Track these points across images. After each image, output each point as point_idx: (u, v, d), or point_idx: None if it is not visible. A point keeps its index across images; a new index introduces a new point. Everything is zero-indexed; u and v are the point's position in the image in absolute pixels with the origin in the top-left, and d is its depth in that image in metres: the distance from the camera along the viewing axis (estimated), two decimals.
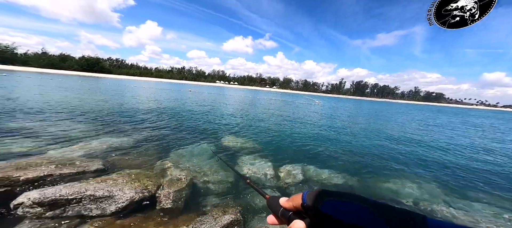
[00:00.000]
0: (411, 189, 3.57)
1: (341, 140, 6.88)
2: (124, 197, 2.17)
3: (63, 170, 2.49)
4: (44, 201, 1.87)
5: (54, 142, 4.00)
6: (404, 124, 12.82)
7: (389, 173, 4.25)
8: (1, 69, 44.20)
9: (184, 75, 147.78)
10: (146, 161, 3.54)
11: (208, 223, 2.01)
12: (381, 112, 21.29)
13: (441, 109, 48.58)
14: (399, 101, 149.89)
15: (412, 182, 3.84)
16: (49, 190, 1.98)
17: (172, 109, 10.17)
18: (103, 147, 3.90)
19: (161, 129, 5.96)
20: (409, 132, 9.76)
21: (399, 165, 4.79)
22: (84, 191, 2.07)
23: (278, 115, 11.92)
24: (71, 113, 6.94)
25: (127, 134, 5.09)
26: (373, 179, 3.88)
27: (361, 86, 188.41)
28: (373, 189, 3.52)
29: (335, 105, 29.71)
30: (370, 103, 52.87)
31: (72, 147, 3.77)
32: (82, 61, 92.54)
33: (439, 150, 6.64)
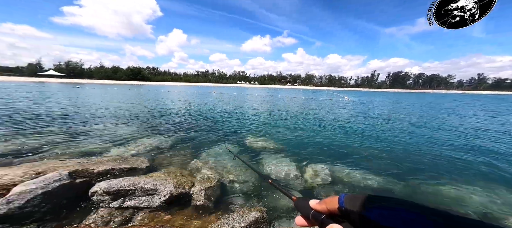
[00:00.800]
0: (481, 197, 2.96)
1: (377, 138, 6.20)
2: (166, 191, 2.54)
3: (122, 166, 3.07)
4: (110, 190, 2.37)
5: (114, 142, 4.95)
6: (467, 117, 10.52)
7: (447, 176, 3.64)
8: (75, 82, 56.33)
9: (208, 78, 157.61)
10: (181, 159, 4.02)
11: (235, 221, 2.16)
12: (430, 106, 18.01)
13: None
14: (455, 91, 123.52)
15: (483, 188, 3.18)
16: (113, 181, 2.49)
17: (200, 111, 11.09)
18: (148, 147, 4.60)
19: (191, 130, 6.61)
20: (474, 126, 7.98)
21: (462, 167, 4.04)
22: (137, 184, 2.52)
23: (301, 113, 11.52)
24: (124, 118, 8.38)
25: (166, 135, 5.85)
26: (424, 183, 3.39)
27: (400, 78, 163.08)
28: (425, 195, 3.09)
29: (368, 100, 26.69)
30: (414, 96, 45.31)
31: (127, 147, 4.59)
32: (128, 72, 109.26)
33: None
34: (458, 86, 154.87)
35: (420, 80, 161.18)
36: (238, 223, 2.13)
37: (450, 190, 3.21)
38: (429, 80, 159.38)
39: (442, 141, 6.13)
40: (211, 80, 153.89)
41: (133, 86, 47.69)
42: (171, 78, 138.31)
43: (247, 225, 2.13)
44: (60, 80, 64.08)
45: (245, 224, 2.12)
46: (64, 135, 5.37)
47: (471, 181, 3.50)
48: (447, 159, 4.60)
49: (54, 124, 6.54)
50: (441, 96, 47.78)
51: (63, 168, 2.67)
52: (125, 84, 64.59)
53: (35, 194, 2.05)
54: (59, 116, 8.01)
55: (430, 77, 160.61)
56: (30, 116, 7.62)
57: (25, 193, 2.02)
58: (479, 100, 30.47)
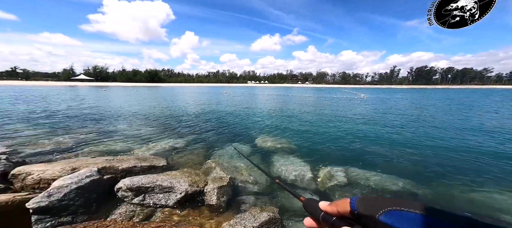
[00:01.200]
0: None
1: (395, 138, 5.79)
2: (181, 188, 2.67)
3: (143, 164, 3.31)
4: (132, 187, 2.57)
5: (135, 141, 5.34)
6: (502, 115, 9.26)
7: (479, 181, 3.29)
8: (102, 85, 61.81)
9: (219, 79, 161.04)
10: (195, 159, 4.19)
11: (247, 220, 2.19)
12: (460, 102, 16.18)
13: None
14: (492, 86, 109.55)
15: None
16: (135, 178, 2.69)
17: (212, 111, 11.45)
18: (165, 146, 4.88)
19: (204, 130, 6.85)
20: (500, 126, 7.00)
21: (497, 171, 3.60)
22: (155, 181, 2.69)
23: (312, 112, 11.21)
24: (144, 118, 8.99)
25: (181, 135, 6.15)
26: (451, 187, 3.10)
27: (424, 73, 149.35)
28: (454, 202, 2.82)
29: (387, 97, 24.93)
30: (442, 92, 41.19)
31: (147, 146, 4.93)
32: (146, 74, 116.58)
33: None
34: (496, 80, 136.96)
35: (449, 75, 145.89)
36: (250, 222, 2.16)
37: (479, 197, 2.87)
38: (461, 74, 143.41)
39: (469, 143, 5.49)
40: (222, 80, 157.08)
41: (151, 88, 50.81)
42: (185, 79, 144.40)
43: (259, 225, 2.14)
44: (89, 84, 70.90)
45: (257, 224, 2.14)
46: (93, 134, 5.93)
47: (503, 187, 3.09)
48: (474, 162, 4.11)
49: (84, 124, 7.26)
50: (472, 92, 42.65)
51: (93, 164, 2.95)
52: (144, 86, 69.06)
53: (70, 188, 2.30)
54: (88, 116, 8.89)
55: (462, 72, 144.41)
56: (65, 117, 8.57)
57: (63, 187, 2.29)
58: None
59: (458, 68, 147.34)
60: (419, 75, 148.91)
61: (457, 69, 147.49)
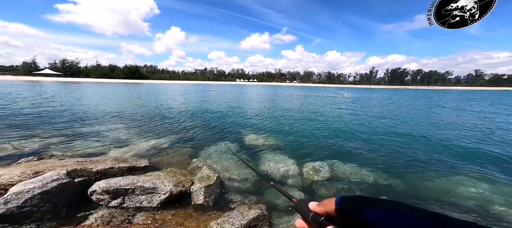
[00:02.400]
0: (474, 188, 3.02)
1: (375, 135, 6.24)
2: (165, 189, 2.54)
3: (121, 165, 3.06)
4: (109, 189, 2.36)
5: (112, 142, 4.93)
6: (460, 113, 10.62)
7: (440, 170, 3.71)
8: (72, 81, 55.69)
9: (207, 76, 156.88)
10: (180, 159, 4.02)
11: (235, 218, 2.17)
12: (425, 102, 18.14)
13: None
14: (453, 88, 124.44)
15: (474, 180, 3.24)
16: (112, 180, 2.48)
17: (199, 110, 11.06)
18: (147, 146, 4.59)
19: (191, 129, 6.59)
20: (467, 121, 8.06)
21: (453, 161, 4.11)
22: (136, 183, 2.52)
23: (300, 110, 11.55)
24: (123, 117, 8.33)
25: (165, 134, 5.83)
26: (419, 177, 3.44)
27: (398, 74, 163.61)
28: (420, 190, 3.13)
29: (367, 96, 26.78)
30: (412, 92, 45.56)
31: (126, 146, 4.58)
32: (125, 70, 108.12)
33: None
34: (455, 82, 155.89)
35: (418, 77, 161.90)
36: (238, 220, 2.15)
37: (442, 184, 3.25)
38: (427, 76, 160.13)
39: (435, 137, 6.19)
40: (210, 78, 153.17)
41: (131, 85, 47.35)
42: (169, 76, 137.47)
43: (247, 222, 2.14)
44: (56, 79, 63.29)
45: (245, 222, 2.14)
46: (62, 135, 5.33)
47: (464, 173, 3.56)
48: (440, 154, 4.65)
49: (51, 124, 6.48)
50: (436, 92, 48.15)
51: (61, 167, 2.65)
52: (123, 83, 64.07)
53: (33, 194, 2.04)
54: (56, 115, 7.94)
55: (428, 74, 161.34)
56: (27, 116, 7.54)
57: (22, 192, 2.01)
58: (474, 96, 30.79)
59: (426, 71, 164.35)
60: (394, 76, 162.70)
61: (425, 71, 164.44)
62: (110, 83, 51.68)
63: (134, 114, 9.13)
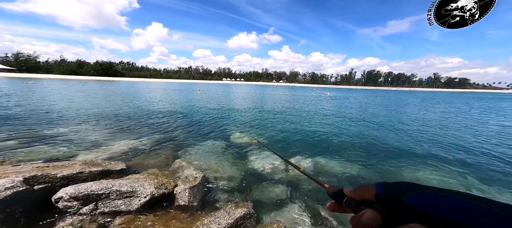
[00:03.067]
0: (432, 177, 3.44)
1: (353, 131, 6.72)
2: (145, 192, 2.37)
3: (92, 169, 2.76)
4: (79, 195, 2.11)
5: (82, 145, 4.41)
6: (421, 112, 12.10)
7: (407, 161, 4.14)
8: (29, 77, 48.29)
9: (192, 75, 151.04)
10: (162, 160, 3.79)
11: (222, 218, 2.14)
12: (395, 101, 20.22)
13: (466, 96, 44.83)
14: (416, 89, 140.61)
15: (433, 170, 3.70)
16: (82, 186, 2.23)
17: (183, 109, 10.56)
18: (124, 148, 4.22)
19: (174, 129, 6.26)
20: (427, 119, 9.22)
21: (417, 153, 4.63)
22: (111, 187, 2.30)
23: (286, 109, 11.85)
24: (93, 117, 7.51)
25: (144, 135, 5.43)
26: (389, 168, 3.81)
27: (373, 76, 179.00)
28: (390, 179, 3.44)
29: (346, 96, 28.70)
30: (384, 93, 50.23)
31: (98, 149, 4.14)
32: (97, 67, 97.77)
33: (460, 136, 6.23)
34: (419, 84, 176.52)
35: (389, 78, 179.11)
36: (225, 220, 2.12)
37: (409, 172, 3.67)
38: (397, 78, 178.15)
39: (405, 132, 6.96)
40: (195, 77, 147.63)
41: (103, 83, 42.98)
42: (150, 74, 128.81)
43: (234, 221, 2.12)
44: (8, 75, 54.33)
45: (232, 221, 2.12)
46: (18, 138, 4.59)
47: (427, 164, 4.07)
48: (408, 147, 5.25)
49: (5, 126, 5.53)
50: (404, 93, 54.01)
51: (16, 174, 2.28)
52: (94, 80, 57.87)
53: None
54: (9, 116, 6.81)
55: (397, 76, 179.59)
56: None
57: None
58: (431, 97, 35.24)
59: (395, 73, 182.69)
60: (369, 77, 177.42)
61: (394, 73, 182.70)
62: (78, 81, 46.26)
63: (107, 114, 8.30)
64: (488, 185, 3.35)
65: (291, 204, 2.62)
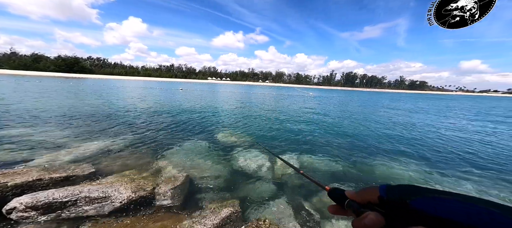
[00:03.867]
0: (401, 170, 3.81)
1: (332, 129, 7.15)
2: (121, 197, 2.17)
3: (53, 175, 2.41)
4: (38, 204, 1.83)
5: (40, 148, 3.82)
6: (388, 111, 13.54)
7: (380, 156, 4.51)
8: None
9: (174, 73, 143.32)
10: (140, 161, 3.50)
11: (207, 218, 2.07)
12: (369, 102, 22.20)
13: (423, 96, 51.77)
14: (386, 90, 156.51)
15: (401, 164, 4.12)
16: (41, 194, 1.93)
17: (164, 109, 9.92)
18: (93, 150, 3.79)
19: (153, 129, 5.85)
20: (395, 118, 10.35)
21: (388, 149, 5.11)
22: (78, 193, 2.04)
23: (271, 108, 12.05)
24: (55, 118, 6.57)
25: (118, 136, 4.95)
26: (365, 164, 4.10)
27: (351, 78, 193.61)
28: (367, 174, 3.71)
29: (326, 96, 30.46)
30: (360, 94, 54.67)
31: (60, 152, 3.63)
32: (58, 61, 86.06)
33: (421, 134, 7.14)
34: (388, 85, 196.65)
35: (364, 80, 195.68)
36: (210, 220, 2.06)
37: (382, 167, 4.06)
38: (370, 80, 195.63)
39: (377, 130, 7.70)
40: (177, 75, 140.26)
41: (66, 80, 37.93)
42: (125, 71, 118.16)
43: (220, 221, 2.07)
44: None
45: (218, 220, 2.07)
46: None
47: (395, 159, 4.56)
48: (380, 143, 5.81)
49: None
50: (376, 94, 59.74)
51: None
52: (56, 77, 50.75)
53: None
54: None
55: (371, 78, 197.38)
56: None
57: None
58: (398, 98, 39.68)
59: (369, 75, 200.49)
60: (347, 79, 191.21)
61: (369, 76, 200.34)
62: (34, 77, 40.04)
63: (71, 114, 7.34)
64: (445, 175, 3.90)
65: (277, 201, 2.65)
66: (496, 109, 19.95)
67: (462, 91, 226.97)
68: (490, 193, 3.19)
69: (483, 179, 3.63)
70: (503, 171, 3.99)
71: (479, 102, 34.15)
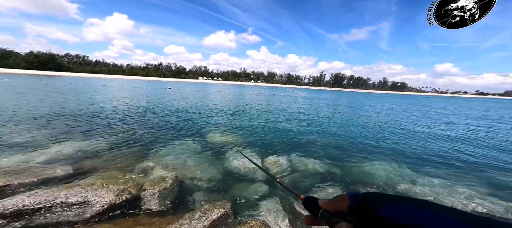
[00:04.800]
0: (383, 170, 3.95)
1: (321, 129, 7.36)
2: (102, 201, 2.03)
3: (23, 179, 2.19)
4: (5, 212, 1.64)
5: (6, 150, 3.44)
6: (375, 112, 14.29)
7: (365, 156, 4.66)
8: None
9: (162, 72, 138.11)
10: (123, 163, 3.30)
11: (197, 220, 2.02)
12: (355, 102, 23.22)
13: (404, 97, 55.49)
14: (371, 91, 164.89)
15: (384, 163, 4.28)
16: (9, 201, 1.74)
17: (150, 109, 9.48)
18: (69, 152, 3.50)
19: (137, 130, 5.56)
20: (380, 119, 10.94)
21: (373, 149, 5.33)
22: (53, 199, 1.87)
23: (261, 108, 12.08)
24: (26, 118, 5.98)
25: (99, 137, 4.63)
26: (351, 163, 4.21)
27: (339, 78, 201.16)
28: (354, 174, 3.80)
29: (316, 96, 31.31)
30: (347, 94, 56.98)
31: (31, 154, 3.30)
32: (30, 58, 78.71)
33: (405, 134, 7.62)
34: (372, 86, 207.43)
35: (351, 81, 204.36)
36: (200, 222, 2.00)
37: (367, 167, 4.25)
38: (357, 81, 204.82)
39: (363, 131, 8.08)
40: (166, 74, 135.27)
41: (39, 77, 34.78)
42: (108, 70, 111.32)
43: (210, 223, 2.03)
44: None
45: (209, 223, 2.02)
46: None
47: (380, 158, 4.82)
48: (367, 143, 6.10)
49: None
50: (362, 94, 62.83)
51: None
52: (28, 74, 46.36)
53: None
54: None
55: (357, 79, 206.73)
56: None
57: None
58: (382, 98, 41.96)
59: (356, 76, 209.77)
60: (336, 80, 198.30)
61: (355, 77, 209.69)
62: (2, 74, 36.20)
63: (44, 113, 6.72)
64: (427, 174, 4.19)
65: (268, 202, 2.63)
66: (473, 110, 21.93)
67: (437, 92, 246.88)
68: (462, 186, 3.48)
69: (459, 173, 3.96)
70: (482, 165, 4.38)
71: (453, 103, 37.30)
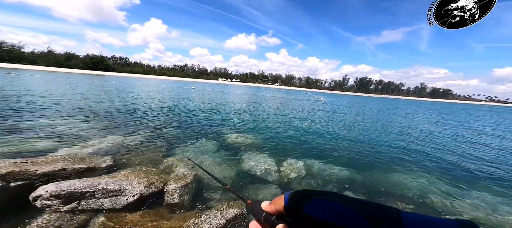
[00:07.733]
0: (415, 183, 3.55)
1: (343, 135, 6.86)
2: (134, 191, 2.27)
3: (76, 166, 2.61)
4: (61, 193, 1.98)
5: (65, 140, 4.17)
6: (407, 120, 12.66)
7: (392, 167, 4.24)
8: (10, 67, 45.35)
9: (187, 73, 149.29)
10: (152, 158, 3.66)
11: (214, 217, 2.09)
12: (385, 109, 21.02)
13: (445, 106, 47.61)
14: (404, 97, 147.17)
15: (415, 176, 3.83)
16: (65, 183, 2.09)
17: (176, 107, 10.33)
18: (112, 144, 4.04)
19: (166, 127, 6.09)
20: (412, 128, 9.64)
21: (401, 160, 4.78)
22: (97, 185, 2.18)
23: (281, 111, 11.93)
24: (80, 112, 7.15)
25: (134, 131, 5.24)
26: (375, 173, 3.88)
27: (365, 83, 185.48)
28: (376, 183, 3.51)
29: (338, 101, 29.45)
30: (374, 100, 52.07)
31: (83, 145, 3.93)
32: (86, 60, 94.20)
33: (440, 146, 6.55)
34: (406, 93, 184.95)
35: (380, 86, 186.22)
36: (216, 219, 2.07)
37: (394, 178, 3.78)
38: (386, 86, 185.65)
39: (391, 139, 7.22)
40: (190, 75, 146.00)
41: (92, 77, 41.22)
42: (143, 70, 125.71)
43: (226, 221, 2.08)
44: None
45: (224, 221, 2.07)
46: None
47: (411, 171, 4.23)
48: (395, 154, 5.43)
49: None
50: (392, 101, 56.34)
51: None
52: (83, 74, 55.42)
53: None
54: None
55: (387, 84, 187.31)
56: None
57: None
58: (416, 106, 36.91)
59: (386, 81, 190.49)
60: (361, 84, 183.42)
61: (385, 81, 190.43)
62: (66, 74, 44.12)
63: (94, 108, 7.94)
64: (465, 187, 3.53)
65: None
66: None
67: (492, 101, 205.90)
68: None
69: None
70: None
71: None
